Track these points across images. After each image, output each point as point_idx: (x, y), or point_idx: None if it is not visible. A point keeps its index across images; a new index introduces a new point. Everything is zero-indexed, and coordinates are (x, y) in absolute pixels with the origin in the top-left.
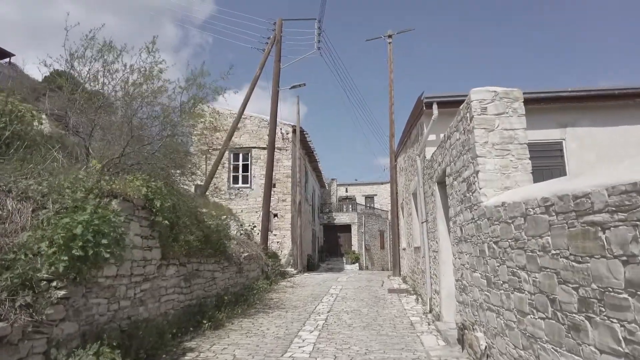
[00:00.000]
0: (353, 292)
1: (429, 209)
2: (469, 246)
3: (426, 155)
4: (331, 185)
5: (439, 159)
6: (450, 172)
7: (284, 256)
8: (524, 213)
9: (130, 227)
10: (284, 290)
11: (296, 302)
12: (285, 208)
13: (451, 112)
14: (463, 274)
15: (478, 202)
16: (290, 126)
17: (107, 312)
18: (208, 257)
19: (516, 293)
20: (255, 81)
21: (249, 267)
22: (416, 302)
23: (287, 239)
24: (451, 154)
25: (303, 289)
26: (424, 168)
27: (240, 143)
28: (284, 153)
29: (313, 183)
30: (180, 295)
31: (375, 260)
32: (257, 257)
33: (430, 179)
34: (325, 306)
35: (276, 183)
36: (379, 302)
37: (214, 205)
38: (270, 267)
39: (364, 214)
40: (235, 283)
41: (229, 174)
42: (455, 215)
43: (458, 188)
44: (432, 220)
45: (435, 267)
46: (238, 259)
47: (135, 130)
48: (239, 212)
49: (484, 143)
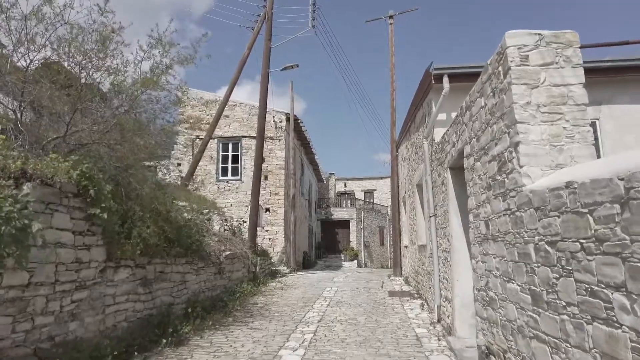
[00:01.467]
0: (349, 295)
1: (437, 201)
2: (499, 247)
3: (435, 137)
4: (329, 179)
5: (453, 138)
6: (471, 151)
7: (276, 254)
8: (621, 196)
9: (53, 219)
10: (272, 292)
11: (283, 307)
12: (278, 202)
13: (464, 87)
14: (490, 283)
15: (517, 185)
16: (283, 114)
17: (10, 334)
18: (177, 256)
19: (601, 326)
20: (243, 62)
21: (231, 268)
22: (421, 309)
23: (279, 236)
24: (472, 128)
25: (294, 291)
26: (433, 153)
27: (229, 132)
28: (276, 143)
29: (310, 177)
30: (136, 303)
31: (375, 257)
32: (242, 255)
33: (440, 165)
34: (317, 313)
35: (268, 175)
36: (379, 309)
37: (196, 198)
38: (259, 266)
39: (363, 209)
40: (213, 286)
41: (217, 165)
42: (477, 207)
43: (483, 170)
44: (443, 214)
45: (446, 269)
46: (218, 259)
47: (79, 102)
48: (228, 206)
49: (526, 104)
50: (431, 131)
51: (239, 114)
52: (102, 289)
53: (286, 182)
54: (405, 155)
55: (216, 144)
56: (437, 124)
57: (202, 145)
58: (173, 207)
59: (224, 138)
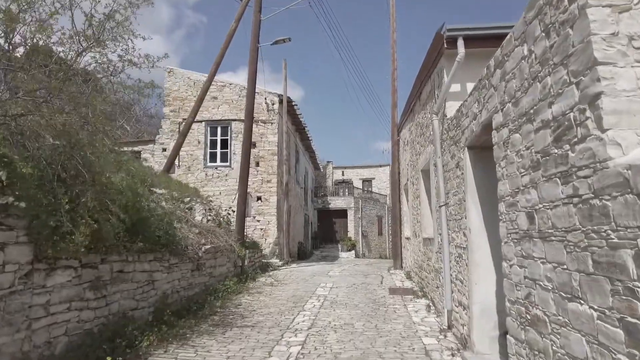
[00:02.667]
0: (346, 292)
1: (450, 188)
2: (554, 249)
3: (447, 113)
4: (327, 167)
5: (474, 109)
6: (504, 121)
7: (268, 245)
8: None
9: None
10: (260, 289)
11: (270, 309)
12: (270, 190)
13: (483, 54)
14: (534, 297)
15: (595, 160)
16: (276, 95)
17: None
18: (142, 252)
19: None
20: (230, 36)
21: (213, 263)
22: (427, 311)
23: (272, 226)
24: (506, 89)
25: (285, 288)
26: (444, 131)
27: (218, 115)
28: (269, 127)
29: (306, 164)
30: (83, 312)
31: (373, 247)
32: (226, 249)
33: (454, 144)
34: (308, 317)
35: (260, 161)
36: (379, 310)
37: (177, 185)
38: (248, 259)
39: (361, 198)
40: (189, 285)
41: (204, 151)
42: (513, 193)
43: (526, 143)
44: (457, 203)
45: (460, 268)
46: (196, 253)
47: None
48: (216, 194)
49: (610, 37)
50: (442, 105)
51: (229, 95)
52: (26, 299)
53: (279, 168)
54: (408, 138)
55: (204, 127)
56: (449, 97)
57: (184, 128)
58: (144, 194)
59: (212, 121)
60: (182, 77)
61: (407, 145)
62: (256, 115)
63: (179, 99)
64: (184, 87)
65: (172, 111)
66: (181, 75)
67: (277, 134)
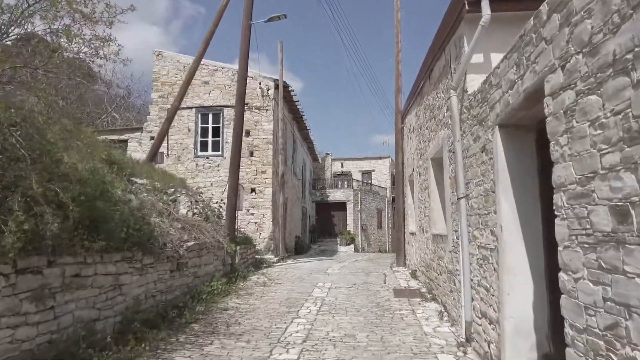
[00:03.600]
0: (346, 294)
1: (472, 177)
2: None
3: (467, 88)
4: (325, 159)
5: (511, 75)
6: (567, 81)
7: (263, 240)
8: None
9: None
10: (251, 291)
11: (260, 315)
12: (265, 181)
13: (510, 19)
14: (626, 331)
15: None
16: (271, 80)
17: None
18: (105, 252)
19: None
20: (221, 12)
21: (197, 262)
22: (439, 318)
23: (267, 219)
24: (572, 38)
25: (278, 288)
26: (464, 109)
27: (209, 101)
28: (263, 114)
29: (303, 155)
30: (20, 328)
31: (372, 241)
32: (214, 245)
33: (479, 124)
34: (302, 327)
35: (254, 151)
36: (384, 317)
37: (160, 175)
38: (239, 256)
39: (361, 190)
40: (168, 287)
41: (195, 139)
42: (584, 180)
43: (611, 107)
44: (483, 195)
45: (484, 273)
46: (176, 251)
47: None
48: (207, 186)
49: None
50: (462, 79)
51: (221, 80)
52: None
53: (275, 158)
54: (415, 125)
55: (194, 114)
56: (470, 69)
57: (170, 112)
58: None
59: (203, 107)
60: (172, 61)
61: (412, 132)
62: (250, 101)
63: (168, 84)
64: (173, 71)
65: (160, 97)
66: (170, 59)
67: (273, 121)
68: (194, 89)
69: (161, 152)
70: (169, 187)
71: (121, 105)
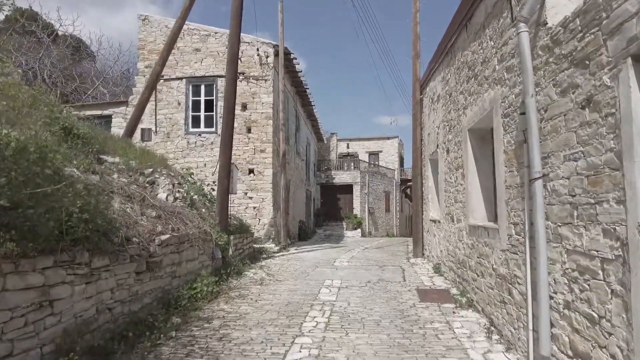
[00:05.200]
0: (360, 296)
1: (556, 147)
2: None
3: (547, 19)
4: (330, 140)
5: None
6: None
7: (263, 227)
8: None
9: None
10: (245, 291)
11: (252, 332)
12: (265, 161)
13: None
14: None
15: None
16: (270, 46)
17: None
18: (24, 256)
19: None
20: None
21: (176, 258)
22: (487, 336)
23: (266, 204)
24: None
25: (278, 288)
26: (542, 50)
27: (201, 70)
28: (262, 85)
29: (307, 134)
30: None
31: (380, 225)
32: (198, 237)
33: (576, 65)
34: (307, 352)
35: (252, 127)
36: (413, 335)
37: (138, 152)
38: (233, 247)
39: (368, 172)
40: (133, 295)
41: (185, 114)
42: None
43: None
44: (588, 174)
45: (589, 295)
46: (145, 248)
47: None
48: (200, 166)
49: None
50: (537, 7)
51: (214, 46)
52: None
53: (275, 135)
54: (441, 92)
55: (184, 85)
56: None
57: (151, 78)
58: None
59: (194, 78)
60: (159, 26)
61: (436, 102)
62: (247, 71)
63: (156, 52)
64: (161, 37)
65: (147, 67)
66: (158, 24)
67: (273, 93)
68: (183, 57)
69: (149, 129)
70: (147, 166)
71: (109, 80)
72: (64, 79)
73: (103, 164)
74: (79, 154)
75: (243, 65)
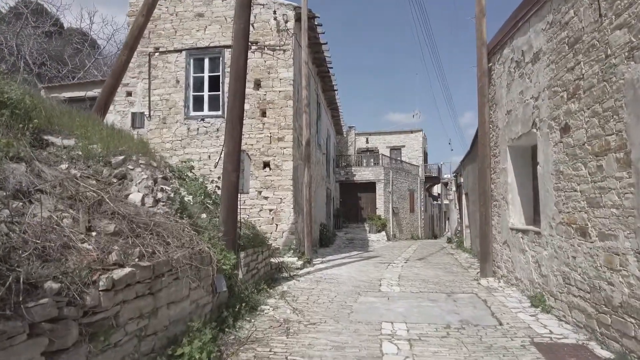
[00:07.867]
0: None
1: None
2: None
3: None
4: (349, 134)
5: None
6: None
7: (281, 234)
8: None
9: None
10: (265, 347)
11: None
12: (284, 152)
13: None
14: None
15: None
16: (291, 8)
17: None
18: None
19: None
20: None
21: (149, 305)
22: None
23: (286, 205)
24: None
25: (313, 342)
26: None
27: (204, 40)
28: (280, 56)
29: (327, 124)
30: None
31: (404, 227)
32: (190, 263)
33: None
34: None
35: (267, 109)
36: None
37: (105, 133)
38: (244, 269)
39: (392, 169)
40: None
41: (185, 94)
42: None
43: None
44: None
45: None
46: (73, 300)
47: None
48: (203, 158)
49: None
50: None
51: (220, 10)
52: None
53: (296, 120)
54: (544, 46)
55: (184, 59)
56: None
57: (131, 34)
58: None
59: (196, 50)
60: None
61: (531, 63)
62: (261, 39)
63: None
64: None
65: None
66: None
67: (293, 66)
68: (183, 25)
69: (141, 113)
70: (117, 152)
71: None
72: (56, 63)
73: (47, 147)
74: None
75: (256, 32)
